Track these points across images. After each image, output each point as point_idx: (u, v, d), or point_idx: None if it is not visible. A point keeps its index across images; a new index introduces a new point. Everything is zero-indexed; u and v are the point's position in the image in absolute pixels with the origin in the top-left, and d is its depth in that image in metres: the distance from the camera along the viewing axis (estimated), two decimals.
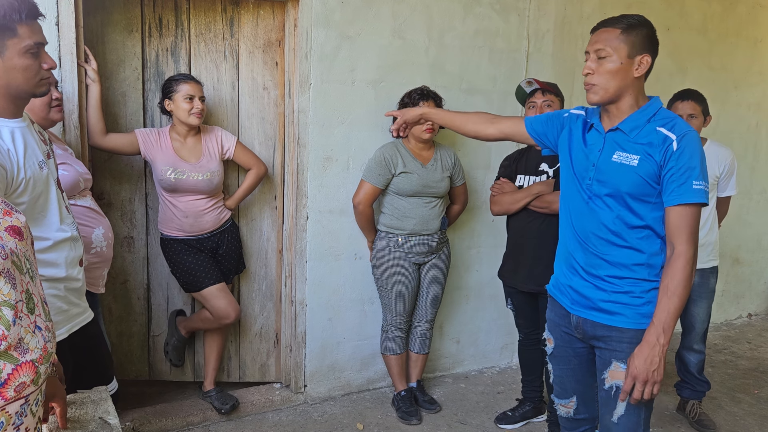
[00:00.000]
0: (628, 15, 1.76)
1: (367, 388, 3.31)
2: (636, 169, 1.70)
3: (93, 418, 1.58)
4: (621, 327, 1.76)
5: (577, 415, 2.00)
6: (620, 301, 1.77)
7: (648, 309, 1.75)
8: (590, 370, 1.94)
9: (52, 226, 1.66)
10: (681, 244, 1.66)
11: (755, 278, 4.80)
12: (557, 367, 2.01)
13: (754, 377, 3.68)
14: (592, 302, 1.82)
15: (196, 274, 2.78)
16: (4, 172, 1.49)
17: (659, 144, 1.68)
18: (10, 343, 1.08)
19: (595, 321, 1.81)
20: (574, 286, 1.88)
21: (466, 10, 3.16)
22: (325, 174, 2.99)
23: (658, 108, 1.76)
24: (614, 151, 1.75)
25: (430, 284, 3.04)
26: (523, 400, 3.03)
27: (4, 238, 1.12)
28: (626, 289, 1.77)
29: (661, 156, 1.67)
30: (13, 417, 1.12)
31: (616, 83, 1.72)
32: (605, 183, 1.76)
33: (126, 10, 2.79)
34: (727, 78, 4.24)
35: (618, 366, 1.78)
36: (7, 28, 1.46)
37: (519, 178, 2.77)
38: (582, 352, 1.93)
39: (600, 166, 1.78)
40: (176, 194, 2.71)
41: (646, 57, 1.72)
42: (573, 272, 1.89)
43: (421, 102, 2.81)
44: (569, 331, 1.92)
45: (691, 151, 1.65)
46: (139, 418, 2.85)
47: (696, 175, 1.65)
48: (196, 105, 2.65)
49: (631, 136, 1.73)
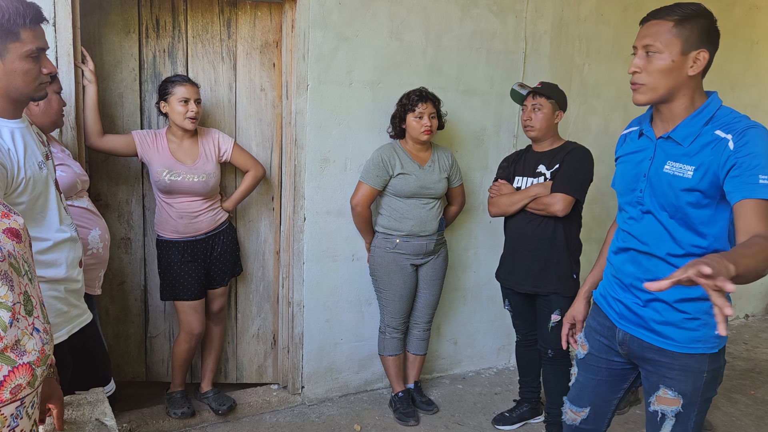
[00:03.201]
0: (683, 3, 1.54)
1: (364, 389, 3.31)
2: (691, 182, 1.53)
3: (90, 420, 1.58)
4: (672, 351, 1.62)
5: (583, 425, 1.90)
6: (672, 322, 1.62)
7: (704, 332, 1.59)
8: (615, 387, 1.84)
9: (51, 226, 1.66)
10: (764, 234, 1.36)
11: None
12: (582, 374, 1.89)
13: (750, 378, 3.69)
14: (644, 321, 1.67)
15: (177, 284, 2.79)
16: (4, 171, 1.49)
17: (714, 148, 1.50)
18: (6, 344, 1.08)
19: (644, 341, 1.67)
20: (623, 300, 1.73)
21: (464, 11, 3.17)
22: (323, 175, 2.99)
23: (716, 108, 1.57)
24: (666, 160, 1.59)
25: (427, 285, 3.04)
26: (521, 401, 3.04)
27: (2, 240, 1.12)
28: (680, 309, 1.61)
29: (718, 160, 1.48)
30: (8, 419, 1.12)
31: (667, 83, 1.53)
32: (657, 196, 1.61)
33: (123, 11, 2.79)
34: (724, 80, 4.24)
35: (666, 392, 1.65)
36: (10, 32, 1.47)
37: (517, 180, 2.77)
38: (616, 367, 1.81)
39: (651, 178, 1.62)
40: (172, 196, 2.71)
41: (702, 53, 1.52)
42: (622, 287, 1.74)
43: (420, 103, 2.81)
44: (610, 344, 1.79)
45: (753, 145, 1.44)
46: (135, 420, 2.84)
47: (764, 169, 1.42)
48: (191, 108, 2.64)
49: (685, 144, 1.56)
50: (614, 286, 1.78)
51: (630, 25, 3.63)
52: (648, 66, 1.55)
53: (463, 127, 3.29)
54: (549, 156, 2.70)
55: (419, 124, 2.81)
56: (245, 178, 2.90)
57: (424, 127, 2.81)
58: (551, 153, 2.70)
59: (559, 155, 2.67)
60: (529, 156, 2.77)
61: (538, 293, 2.70)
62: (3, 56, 1.49)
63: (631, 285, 1.71)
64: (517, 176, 2.78)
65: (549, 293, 2.67)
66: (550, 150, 2.71)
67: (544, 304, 2.70)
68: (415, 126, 2.83)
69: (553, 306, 2.67)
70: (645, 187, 1.65)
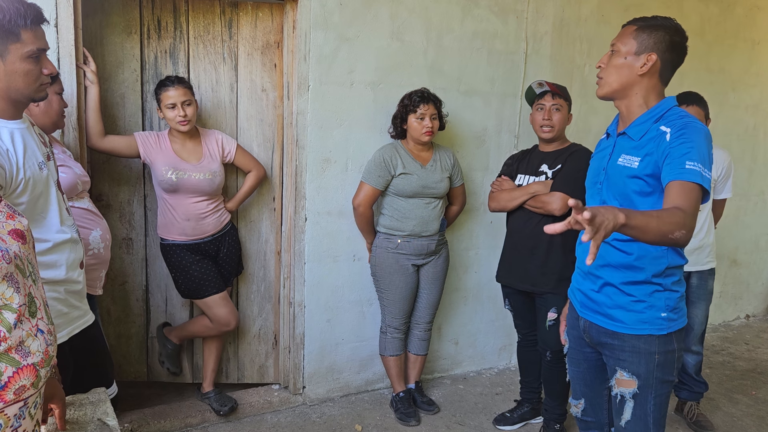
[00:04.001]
0: (656, 16, 1.74)
1: (365, 389, 3.31)
2: (635, 171, 1.68)
3: (92, 420, 1.59)
4: (622, 333, 1.74)
5: (584, 416, 1.99)
6: (621, 305, 1.74)
7: (650, 314, 1.71)
8: (599, 376, 1.92)
9: (52, 227, 1.66)
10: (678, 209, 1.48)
11: (753, 279, 4.81)
12: (570, 368, 2.01)
13: (751, 378, 3.69)
14: (598, 306, 1.80)
15: (200, 282, 2.78)
16: (3, 171, 1.49)
17: (656, 140, 1.65)
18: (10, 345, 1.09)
19: (600, 326, 1.79)
20: (582, 289, 1.87)
21: (465, 12, 3.17)
22: (324, 176, 2.99)
23: (668, 108, 1.70)
24: (620, 154, 1.74)
25: (428, 286, 3.04)
26: (522, 401, 3.04)
27: (8, 241, 1.12)
28: (627, 292, 1.74)
29: (657, 150, 1.63)
30: (12, 419, 1.12)
31: (619, 79, 1.71)
32: (611, 187, 1.76)
33: (125, 12, 2.79)
34: (725, 80, 4.25)
35: (622, 374, 1.75)
36: (11, 33, 1.47)
37: (519, 177, 2.78)
38: (591, 357, 1.91)
39: (608, 171, 1.77)
40: (177, 196, 2.70)
41: (652, 55, 1.68)
42: (582, 275, 1.88)
43: (422, 104, 2.81)
44: (579, 335, 1.91)
45: (686, 137, 1.58)
46: (137, 420, 2.84)
47: (691, 156, 1.55)
48: (179, 113, 2.60)
49: (636, 138, 1.71)
50: (577, 277, 1.92)
51: None
52: (608, 63, 1.75)
53: (464, 127, 3.29)
54: (553, 156, 2.71)
55: (420, 125, 2.82)
56: (247, 178, 2.90)
57: (426, 128, 2.81)
58: (555, 153, 2.71)
59: (562, 156, 2.68)
60: (534, 155, 2.78)
61: (536, 292, 2.71)
62: (4, 57, 1.49)
63: (589, 272, 1.84)
64: (519, 174, 2.78)
65: (545, 292, 2.67)
66: (555, 150, 2.72)
67: (542, 303, 2.71)
68: (416, 127, 2.83)
69: (549, 304, 2.68)
70: (603, 179, 1.79)
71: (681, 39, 1.72)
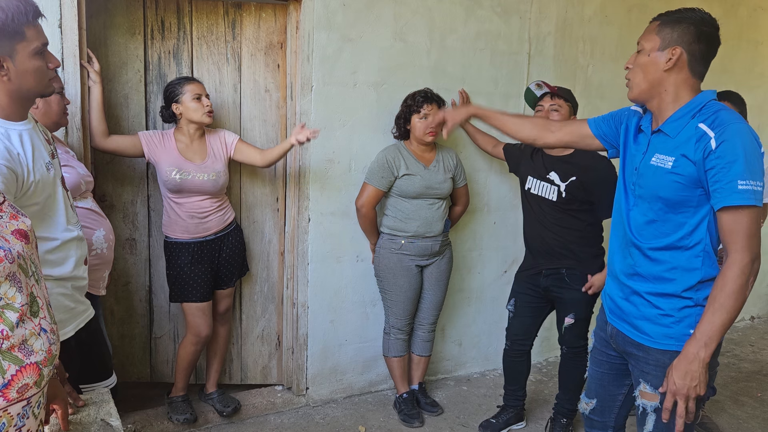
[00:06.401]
0: (681, 9, 1.65)
1: (369, 390, 3.31)
2: (670, 171, 1.59)
3: (95, 420, 1.59)
4: (647, 346, 1.69)
5: (592, 414, 1.96)
6: (648, 317, 1.69)
7: (677, 329, 1.64)
8: (616, 380, 1.89)
9: (59, 226, 1.67)
10: (734, 252, 1.52)
11: (758, 281, 4.76)
12: (591, 367, 1.98)
13: (757, 380, 3.67)
14: (625, 314, 1.76)
15: (185, 286, 2.78)
16: (14, 176, 1.49)
17: (695, 141, 1.55)
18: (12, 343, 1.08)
19: (626, 335, 1.75)
20: (611, 295, 1.83)
21: (468, 12, 3.17)
22: (327, 176, 2.99)
23: (704, 102, 1.61)
24: (654, 153, 1.66)
25: (432, 287, 3.04)
26: (505, 406, 3.00)
27: (11, 241, 1.12)
28: (656, 304, 1.67)
29: (699, 154, 1.53)
30: (15, 418, 1.12)
31: (646, 77, 1.64)
32: (644, 187, 1.68)
33: (128, 12, 2.80)
34: (729, 80, 4.23)
35: (645, 387, 1.71)
36: (16, 33, 1.46)
37: (529, 180, 2.74)
38: (614, 361, 1.87)
39: (641, 170, 1.69)
40: (181, 195, 2.71)
41: (676, 49, 1.60)
42: (612, 280, 1.84)
43: (425, 104, 2.81)
44: (606, 338, 1.87)
45: (732, 147, 1.49)
46: (140, 420, 2.84)
47: (740, 173, 1.48)
48: (206, 103, 2.67)
49: (672, 135, 1.62)
50: (609, 281, 1.88)
51: (634, 26, 3.63)
52: (634, 63, 1.68)
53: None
54: (560, 163, 2.65)
55: (424, 125, 2.81)
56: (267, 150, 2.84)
57: (429, 129, 2.81)
58: (563, 161, 2.65)
59: (573, 168, 2.61)
60: (541, 157, 2.72)
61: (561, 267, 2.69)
62: (13, 58, 1.48)
63: (618, 279, 1.80)
64: (529, 176, 2.75)
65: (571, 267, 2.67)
66: (561, 156, 2.66)
67: (561, 308, 2.76)
68: (419, 127, 2.83)
69: (568, 310, 2.72)
70: (636, 179, 1.72)
71: (710, 29, 1.62)
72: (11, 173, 1.48)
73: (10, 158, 1.48)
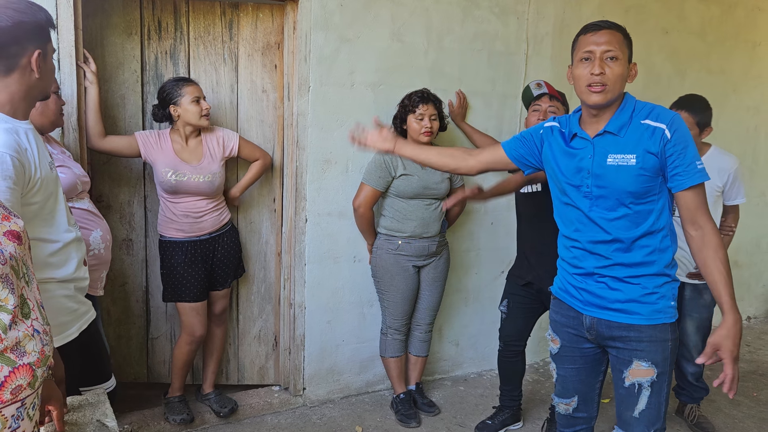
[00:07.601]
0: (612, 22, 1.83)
1: (366, 390, 3.31)
2: (635, 168, 1.72)
3: (91, 421, 1.58)
4: (639, 325, 1.78)
5: (576, 413, 2.02)
6: (635, 299, 1.79)
7: (662, 304, 1.79)
8: (594, 371, 1.97)
9: (60, 227, 1.67)
10: (705, 223, 1.71)
11: (754, 281, 4.80)
12: (561, 367, 2.02)
13: (753, 380, 3.68)
14: (608, 302, 1.83)
15: (179, 285, 2.78)
16: (23, 170, 1.50)
17: (650, 135, 1.71)
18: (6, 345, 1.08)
19: (611, 321, 1.82)
20: (586, 288, 1.88)
21: (465, 13, 3.17)
22: (324, 177, 2.99)
23: (634, 102, 1.79)
24: (607, 154, 1.76)
25: (429, 287, 3.04)
26: (501, 407, 3.00)
27: (3, 242, 1.12)
28: (641, 286, 1.79)
29: (659, 147, 1.69)
30: (9, 420, 1.12)
31: (621, 87, 1.76)
32: (605, 187, 1.77)
33: (125, 13, 2.80)
34: (726, 81, 4.24)
35: (639, 364, 1.79)
36: (48, 36, 1.52)
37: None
38: (589, 353, 1.94)
39: (596, 172, 1.78)
40: (177, 196, 2.71)
41: (636, 66, 1.80)
42: (584, 275, 1.88)
43: (421, 105, 2.81)
44: (578, 332, 1.93)
45: (683, 134, 1.70)
46: (137, 421, 2.84)
47: (694, 155, 1.70)
48: (204, 106, 2.67)
49: (621, 134, 1.75)
50: (575, 276, 1.91)
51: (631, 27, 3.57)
52: (613, 69, 1.74)
53: None
54: None
55: (420, 125, 2.81)
56: (252, 166, 2.89)
57: (425, 129, 2.81)
58: None
59: None
60: None
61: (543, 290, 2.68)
62: (45, 58, 1.53)
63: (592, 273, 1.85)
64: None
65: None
66: None
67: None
68: (415, 127, 2.83)
69: None
70: (591, 181, 1.79)
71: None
72: (21, 166, 1.48)
73: (20, 151, 1.49)
